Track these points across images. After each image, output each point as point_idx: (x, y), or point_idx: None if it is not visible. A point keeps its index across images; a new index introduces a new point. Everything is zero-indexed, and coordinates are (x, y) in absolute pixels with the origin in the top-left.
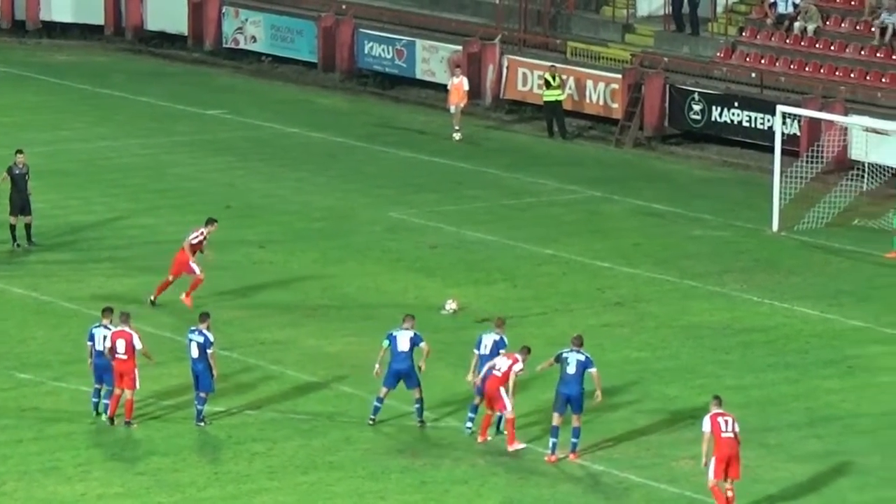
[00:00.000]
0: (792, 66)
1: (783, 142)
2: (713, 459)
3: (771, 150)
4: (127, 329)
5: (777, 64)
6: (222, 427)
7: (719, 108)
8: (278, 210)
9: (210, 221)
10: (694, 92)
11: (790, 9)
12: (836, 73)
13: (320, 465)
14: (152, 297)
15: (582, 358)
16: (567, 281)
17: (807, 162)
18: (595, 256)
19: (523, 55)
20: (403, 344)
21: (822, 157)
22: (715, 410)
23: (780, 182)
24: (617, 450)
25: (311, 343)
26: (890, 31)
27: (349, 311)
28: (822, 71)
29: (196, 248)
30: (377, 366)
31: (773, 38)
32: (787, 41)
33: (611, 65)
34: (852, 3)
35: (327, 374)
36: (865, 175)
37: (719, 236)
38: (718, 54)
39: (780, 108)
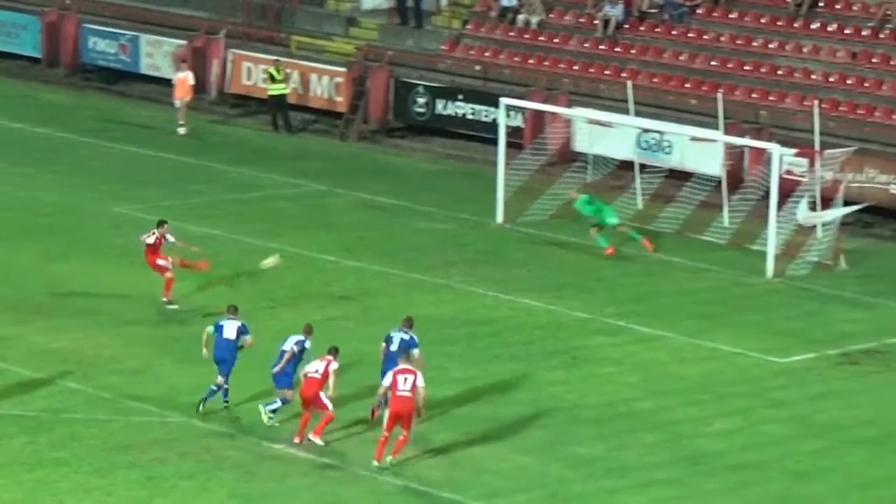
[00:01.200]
0: (516, 59)
1: (508, 134)
2: (386, 411)
3: (495, 142)
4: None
5: (501, 56)
6: None
7: (444, 101)
8: (2, 206)
9: (160, 223)
10: (418, 85)
11: (514, 1)
12: (560, 66)
13: (46, 461)
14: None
15: (406, 338)
16: (293, 275)
17: (531, 154)
18: (321, 250)
19: (248, 49)
20: (230, 332)
21: (546, 150)
22: (400, 366)
23: (505, 174)
24: (345, 443)
25: (37, 339)
26: (612, 23)
27: (75, 306)
28: (545, 63)
29: (154, 248)
30: (204, 350)
31: (496, 31)
32: (511, 34)
33: (335, 58)
34: None
35: (53, 370)
36: (589, 167)
37: (445, 229)
38: (443, 47)
39: (503, 101)
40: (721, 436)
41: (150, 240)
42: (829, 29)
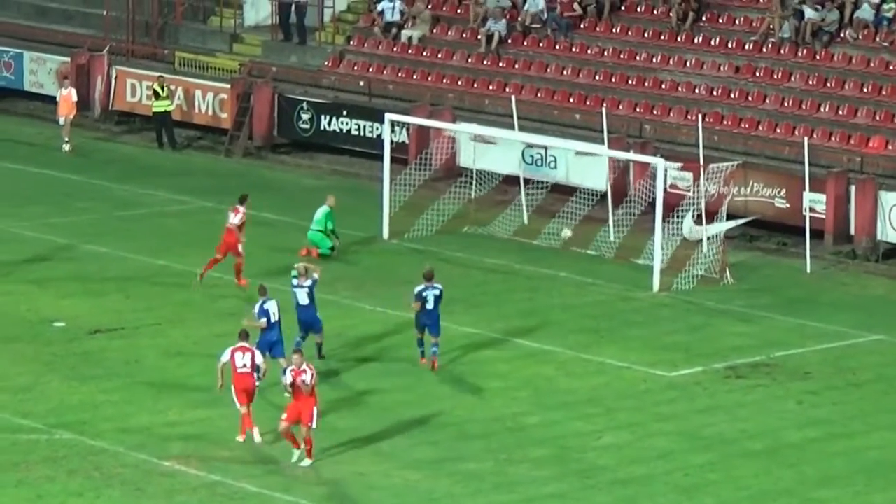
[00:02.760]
0: (400, 74)
1: (392, 150)
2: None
3: (380, 158)
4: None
5: (385, 72)
6: None
7: (328, 117)
8: None
9: (243, 199)
10: (303, 101)
11: (397, 16)
12: (444, 81)
13: None
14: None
15: (437, 292)
16: (180, 292)
17: (416, 169)
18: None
19: (132, 66)
20: (302, 298)
21: (430, 165)
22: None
23: (390, 190)
24: (233, 458)
25: None
26: (496, 38)
27: None
28: (429, 79)
29: (241, 228)
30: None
31: (380, 47)
32: (395, 49)
33: (219, 75)
34: (458, 11)
35: None
36: (473, 182)
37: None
38: (327, 63)
39: (388, 117)
40: (610, 450)
41: (237, 219)
42: (713, 43)
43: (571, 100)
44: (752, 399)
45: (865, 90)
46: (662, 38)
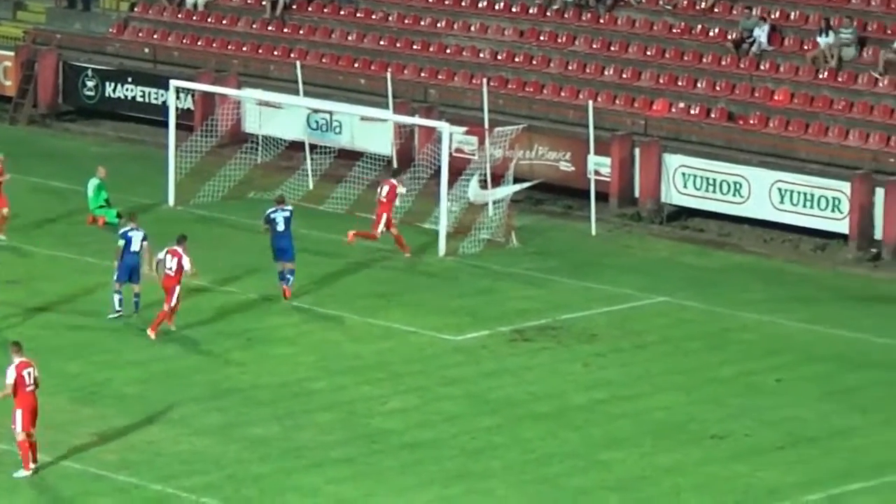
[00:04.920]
0: (185, 41)
1: (177, 116)
2: (20, 412)
3: (166, 124)
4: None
5: (170, 39)
6: None
7: (113, 84)
8: None
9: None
10: (87, 68)
11: None
12: (229, 47)
13: None
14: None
15: (287, 214)
16: None
17: (201, 136)
18: None
19: None
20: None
21: (216, 131)
22: (17, 360)
23: (176, 157)
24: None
25: None
26: (280, 4)
27: None
28: (214, 45)
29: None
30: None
31: (165, 13)
32: (180, 16)
33: (3, 42)
34: None
35: None
36: (259, 148)
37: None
38: (111, 30)
39: (173, 83)
40: (396, 414)
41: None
42: (497, 7)
43: (357, 65)
44: (538, 362)
45: (649, 53)
46: (447, 2)
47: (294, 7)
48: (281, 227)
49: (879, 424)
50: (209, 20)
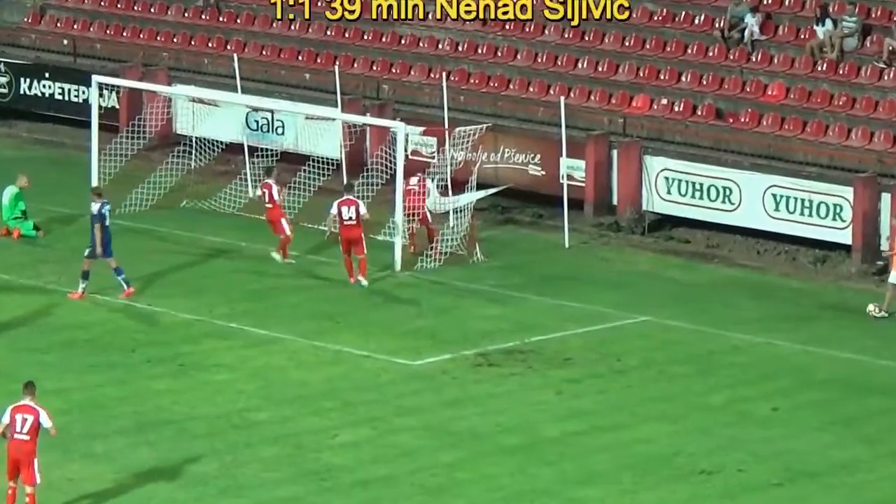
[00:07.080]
0: (109, 31)
1: (101, 116)
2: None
3: (88, 125)
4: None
5: (92, 29)
6: None
7: (28, 80)
8: None
9: (269, 171)
10: None
11: None
12: (158, 39)
13: None
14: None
15: (110, 206)
16: None
17: (128, 137)
18: None
19: None
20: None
21: (144, 132)
22: (19, 402)
23: (99, 161)
24: None
25: None
26: None
27: None
28: (142, 36)
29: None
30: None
31: (86, 1)
32: (103, 3)
33: None
34: None
35: None
36: (193, 151)
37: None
38: (26, 20)
39: (96, 79)
40: (348, 448)
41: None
42: None
43: (300, 58)
44: (505, 389)
45: (627, 44)
46: None
47: None
48: (108, 220)
49: (886, 457)
50: (136, 8)
